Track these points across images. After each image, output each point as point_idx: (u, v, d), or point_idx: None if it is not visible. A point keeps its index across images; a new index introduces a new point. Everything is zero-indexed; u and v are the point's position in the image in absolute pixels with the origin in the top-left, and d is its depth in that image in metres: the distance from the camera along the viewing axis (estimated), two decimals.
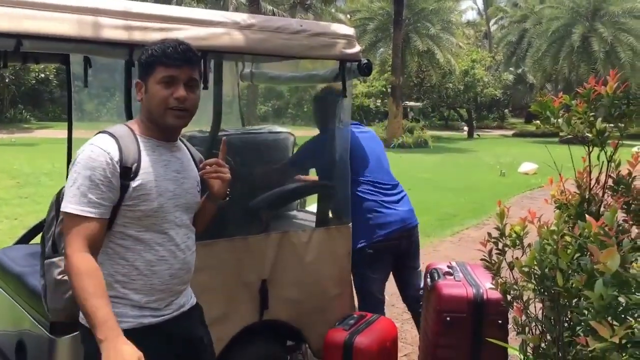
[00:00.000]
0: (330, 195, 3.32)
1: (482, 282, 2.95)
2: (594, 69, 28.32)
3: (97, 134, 1.94)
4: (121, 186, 1.87)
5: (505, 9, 49.21)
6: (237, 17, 2.86)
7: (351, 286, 3.41)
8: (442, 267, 3.19)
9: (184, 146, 2.15)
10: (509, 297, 2.28)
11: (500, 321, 2.82)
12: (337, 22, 33.24)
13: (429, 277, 3.15)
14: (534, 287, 2.07)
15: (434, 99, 33.73)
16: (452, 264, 3.24)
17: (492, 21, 51.02)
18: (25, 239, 3.57)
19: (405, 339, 4.40)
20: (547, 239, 2.04)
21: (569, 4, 31.87)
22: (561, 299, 1.95)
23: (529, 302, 2.25)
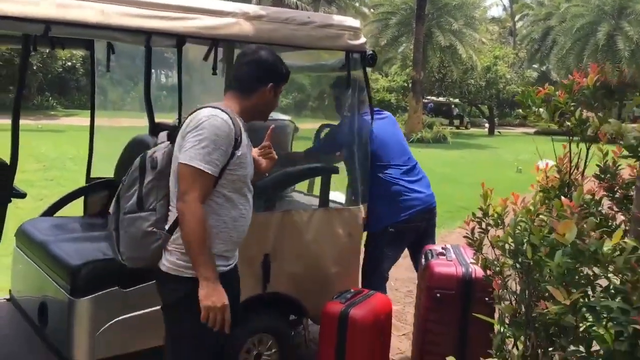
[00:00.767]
0: (328, 179, 3.50)
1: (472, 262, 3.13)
2: (618, 69, 28.01)
3: (208, 107, 2.29)
4: (230, 154, 2.26)
5: (531, 6, 48.65)
6: (247, 8, 3.06)
7: (352, 264, 3.62)
8: (437, 248, 3.37)
9: None
10: (489, 272, 2.45)
11: (487, 298, 2.98)
12: (360, 16, 33.02)
13: (423, 257, 3.34)
14: (510, 261, 2.25)
15: (455, 94, 33.61)
16: (447, 246, 3.42)
17: (517, 17, 50.51)
18: (49, 212, 3.81)
19: (405, 320, 4.59)
20: (523, 217, 2.22)
21: (594, 1, 31.46)
22: (531, 271, 2.12)
23: (507, 278, 2.43)
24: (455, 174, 14.03)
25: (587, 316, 1.83)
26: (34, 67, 24.91)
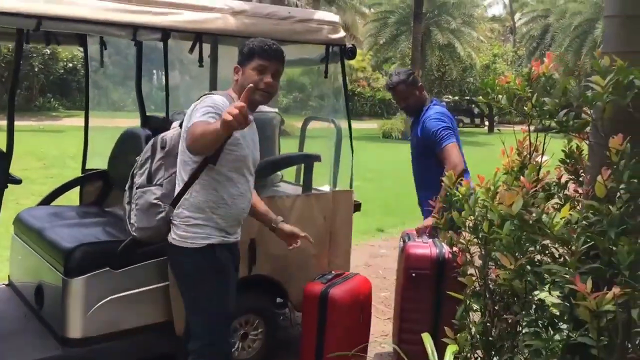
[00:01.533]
0: (310, 166, 3.65)
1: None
2: None
3: (208, 94, 2.59)
4: None
5: (530, 3, 48.69)
6: (231, 4, 3.22)
7: (340, 247, 3.78)
8: (414, 232, 3.52)
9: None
10: (455, 249, 2.61)
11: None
12: (359, 15, 32.97)
13: (401, 240, 3.50)
14: (470, 236, 2.41)
15: (454, 93, 33.71)
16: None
17: (517, 15, 50.55)
18: (46, 201, 3.98)
19: (391, 305, 4.73)
20: (483, 195, 2.38)
21: None
22: (488, 243, 2.28)
23: (474, 254, 2.59)
24: None
25: (532, 279, 1.99)
26: (36, 69, 25.04)
